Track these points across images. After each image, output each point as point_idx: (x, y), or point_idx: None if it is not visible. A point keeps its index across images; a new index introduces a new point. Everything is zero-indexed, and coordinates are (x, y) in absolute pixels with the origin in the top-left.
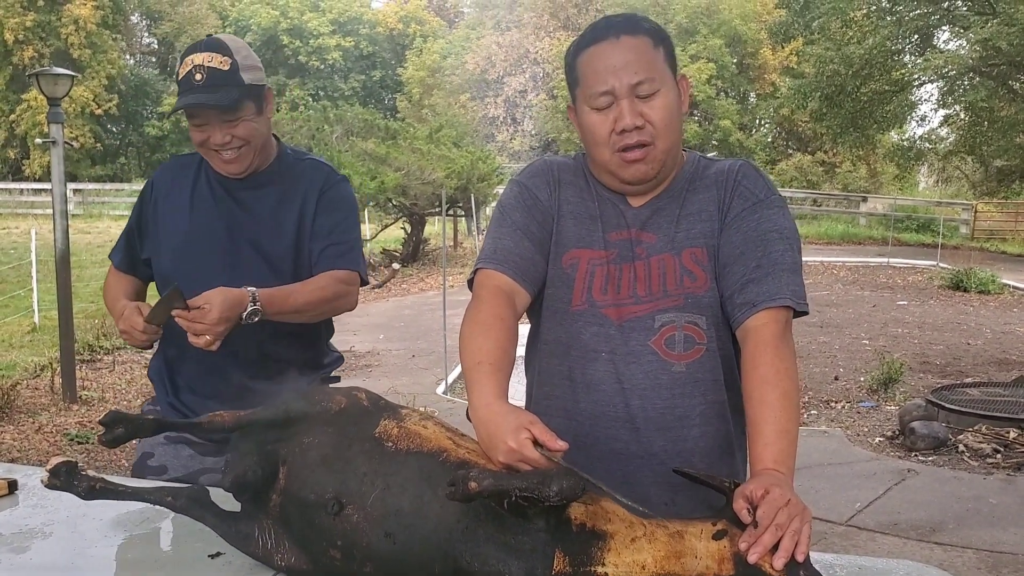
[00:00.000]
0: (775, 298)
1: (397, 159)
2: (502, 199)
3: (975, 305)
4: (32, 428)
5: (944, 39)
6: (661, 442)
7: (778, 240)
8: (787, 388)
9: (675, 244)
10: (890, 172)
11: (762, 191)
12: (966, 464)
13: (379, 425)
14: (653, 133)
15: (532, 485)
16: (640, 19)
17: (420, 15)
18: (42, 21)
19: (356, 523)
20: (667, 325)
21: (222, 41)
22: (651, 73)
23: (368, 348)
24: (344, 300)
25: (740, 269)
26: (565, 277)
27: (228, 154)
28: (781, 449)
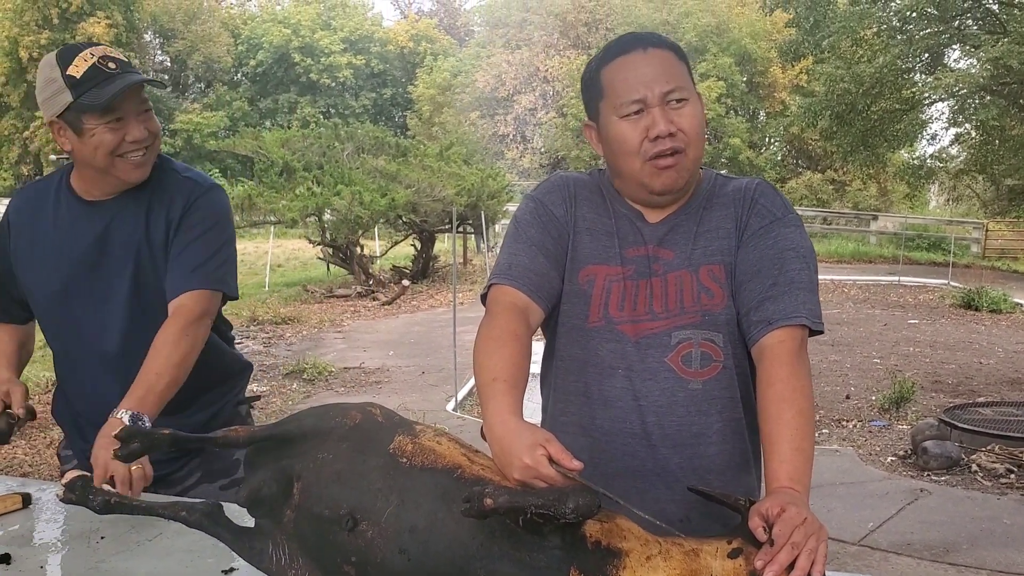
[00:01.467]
0: (791, 316)
1: (407, 176)
2: (517, 214)
3: (987, 324)
4: (44, 443)
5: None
6: (677, 459)
7: (794, 258)
8: (802, 406)
9: (692, 261)
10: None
11: (779, 209)
12: (979, 484)
13: (393, 441)
14: (685, 140)
15: (548, 502)
16: (661, 36)
17: (430, 34)
18: (56, 39)
19: (370, 539)
20: (684, 342)
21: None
22: (680, 83)
23: (378, 365)
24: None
25: (756, 287)
26: (582, 293)
27: (137, 156)
28: (796, 467)
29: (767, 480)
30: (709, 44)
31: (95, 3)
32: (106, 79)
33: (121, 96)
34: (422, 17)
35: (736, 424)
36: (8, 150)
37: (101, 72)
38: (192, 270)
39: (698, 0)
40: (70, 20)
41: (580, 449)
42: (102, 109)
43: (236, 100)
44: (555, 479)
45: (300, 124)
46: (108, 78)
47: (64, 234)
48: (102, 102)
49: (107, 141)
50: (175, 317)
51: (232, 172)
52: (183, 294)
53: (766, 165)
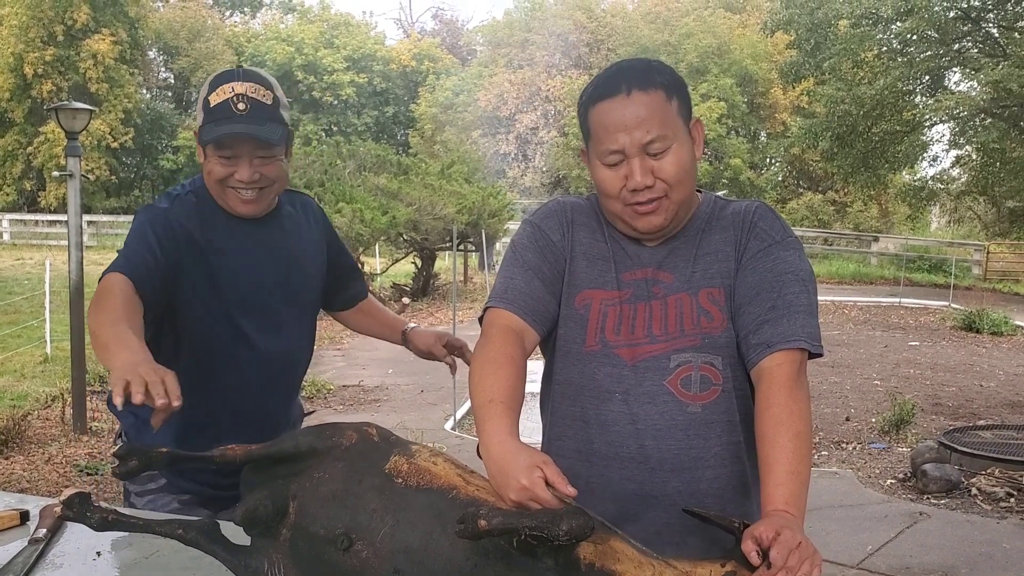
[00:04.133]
0: (790, 340)
1: (409, 194)
2: (515, 239)
3: (988, 347)
4: (42, 459)
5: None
6: (675, 483)
7: (793, 281)
8: (799, 429)
9: (692, 284)
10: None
11: (778, 232)
12: (979, 508)
13: (389, 461)
14: (665, 188)
15: (542, 524)
16: (654, 70)
17: (433, 52)
18: (61, 56)
19: (365, 559)
20: (683, 365)
21: (260, 73)
22: (663, 130)
23: (377, 383)
24: None
25: (755, 310)
26: (578, 318)
27: (248, 193)
28: (792, 491)
29: (762, 503)
30: (710, 65)
31: (100, 20)
32: (227, 119)
33: (230, 139)
34: (425, 36)
35: (735, 448)
36: (12, 165)
37: (228, 110)
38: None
39: (699, 21)
40: (75, 37)
41: (577, 474)
42: (212, 145)
43: None
44: (551, 502)
45: (302, 142)
46: (229, 118)
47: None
48: (209, 139)
49: (215, 172)
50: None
51: None
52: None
53: (767, 186)
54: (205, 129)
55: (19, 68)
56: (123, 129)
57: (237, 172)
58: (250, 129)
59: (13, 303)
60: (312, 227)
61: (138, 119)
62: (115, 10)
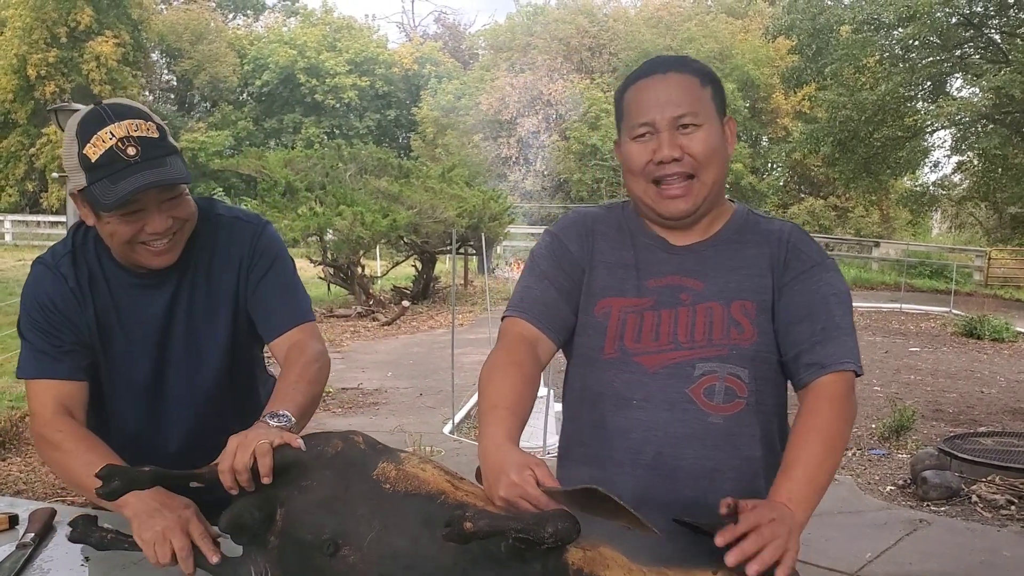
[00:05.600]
0: (842, 362)
1: (409, 197)
2: (535, 249)
3: (989, 353)
4: (38, 460)
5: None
6: (689, 493)
7: (838, 304)
8: (832, 443)
9: (725, 294)
10: (903, 217)
11: (817, 255)
12: (979, 515)
13: (377, 467)
14: (694, 165)
15: (527, 526)
16: (691, 60)
17: (435, 56)
18: (64, 57)
19: (352, 564)
20: (708, 375)
21: (129, 104)
22: (695, 108)
23: (376, 386)
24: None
25: (806, 330)
26: (597, 326)
27: (161, 244)
28: (802, 492)
29: (770, 492)
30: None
31: (103, 22)
32: (120, 170)
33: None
34: (427, 40)
35: (754, 464)
36: (14, 167)
37: (118, 159)
38: (288, 306)
39: (701, 26)
40: (78, 39)
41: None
42: (111, 208)
43: (241, 120)
44: (539, 499)
45: (304, 144)
46: (122, 169)
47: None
48: (110, 203)
49: (120, 232)
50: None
51: (236, 191)
52: (289, 331)
53: (768, 191)
54: (98, 190)
55: (22, 69)
56: None
57: (148, 225)
58: (157, 175)
59: (14, 304)
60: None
61: None
62: (118, 12)
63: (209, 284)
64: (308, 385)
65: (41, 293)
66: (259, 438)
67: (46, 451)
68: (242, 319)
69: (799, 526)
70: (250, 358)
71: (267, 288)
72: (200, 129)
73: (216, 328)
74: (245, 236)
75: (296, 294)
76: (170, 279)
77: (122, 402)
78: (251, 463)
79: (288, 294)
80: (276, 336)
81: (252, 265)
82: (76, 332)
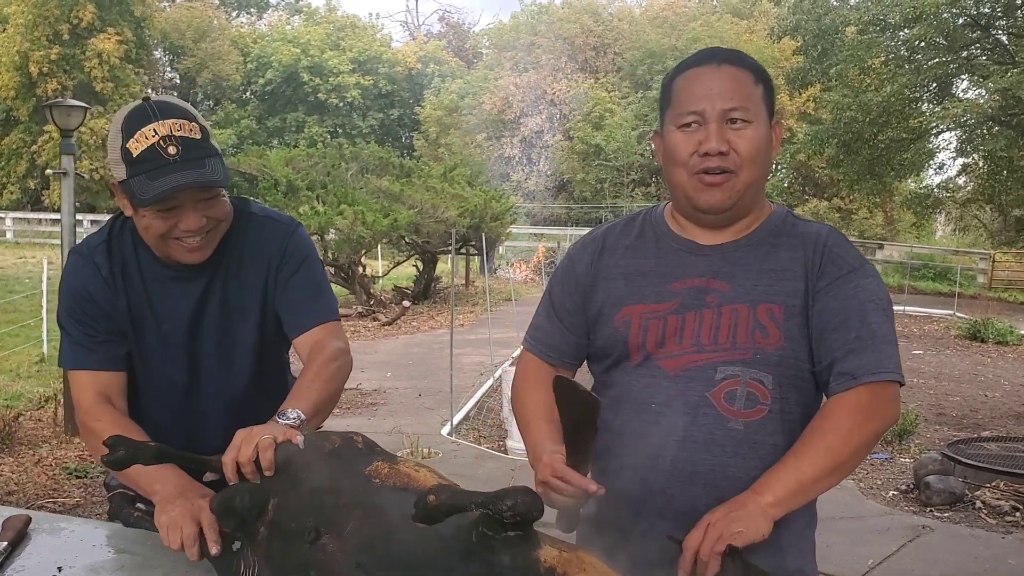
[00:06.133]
0: (876, 372)
1: (411, 197)
2: (555, 269)
3: (993, 356)
4: (32, 460)
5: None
6: (707, 500)
7: (876, 311)
8: (833, 444)
9: (752, 297)
10: (907, 220)
11: (855, 260)
12: (983, 522)
13: (372, 465)
14: (737, 162)
15: (488, 499)
16: (747, 56)
17: (439, 55)
18: (67, 54)
19: (331, 553)
20: (730, 378)
21: (176, 103)
22: (746, 104)
23: (375, 386)
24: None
25: (840, 338)
26: (619, 335)
27: (194, 241)
28: (780, 477)
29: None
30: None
31: (106, 19)
32: (160, 168)
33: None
34: (431, 39)
35: None
36: (16, 164)
37: (158, 157)
38: (314, 305)
39: (706, 27)
40: (81, 36)
41: (613, 487)
42: (147, 203)
43: (244, 118)
44: (570, 475)
45: (307, 143)
46: (162, 167)
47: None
48: (147, 198)
49: (155, 227)
50: (315, 351)
51: (239, 190)
52: (312, 329)
53: (773, 192)
54: (136, 184)
55: (24, 67)
56: None
57: (182, 222)
58: (194, 176)
59: (13, 302)
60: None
61: None
62: (121, 9)
63: (240, 281)
64: (324, 383)
65: (76, 283)
66: (264, 433)
67: (88, 439)
68: (271, 318)
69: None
70: (279, 361)
71: (295, 286)
72: None
73: (247, 325)
74: (276, 236)
75: (323, 295)
76: (203, 274)
77: (157, 401)
78: (254, 456)
79: (315, 294)
80: (300, 333)
81: (282, 264)
82: (111, 322)
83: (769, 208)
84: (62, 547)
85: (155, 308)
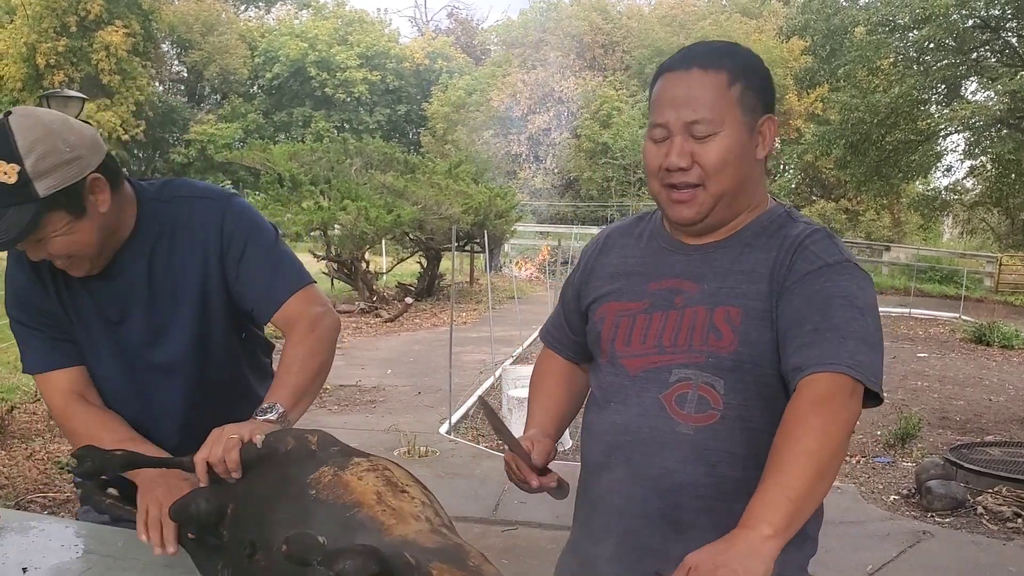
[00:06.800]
0: (825, 363)
1: (415, 193)
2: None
3: (998, 360)
4: (24, 454)
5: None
6: (657, 504)
7: (843, 306)
8: (811, 447)
9: (714, 299)
10: (914, 222)
11: (832, 256)
12: (985, 528)
13: (317, 471)
14: (702, 176)
15: (327, 557)
16: (726, 53)
17: (447, 51)
18: (74, 47)
19: (264, 568)
20: (682, 381)
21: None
22: (711, 114)
23: (374, 383)
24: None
25: (797, 333)
26: (596, 332)
27: (61, 262)
28: (769, 502)
29: None
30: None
31: (113, 12)
32: None
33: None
34: (439, 35)
35: (732, 484)
36: None
37: None
38: (273, 281)
39: (715, 26)
40: (88, 28)
41: (585, 486)
42: None
43: (251, 112)
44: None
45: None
46: None
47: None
48: None
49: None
50: (289, 329)
51: (244, 183)
52: (283, 305)
53: (780, 192)
54: None
55: (31, 58)
56: (134, 122)
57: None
58: None
59: None
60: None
61: (150, 112)
62: (128, 2)
63: (172, 271)
64: (303, 362)
65: (11, 285)
66: (233, 432)
67: (68, 439)
68: (215, 308)
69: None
70: (242, 345)
71: (246, 270)
72: (210, 121)
73: (181, 319)
74: (209, 216)
75: (280, 264)
76: (123, 271)
77: (110, 400)
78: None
79: (271, 268)
80: (270, 317)
81: (224, 249)
82: (52, 317)
83: (765, 207)
84: (29, 547)
85: (77, 307)
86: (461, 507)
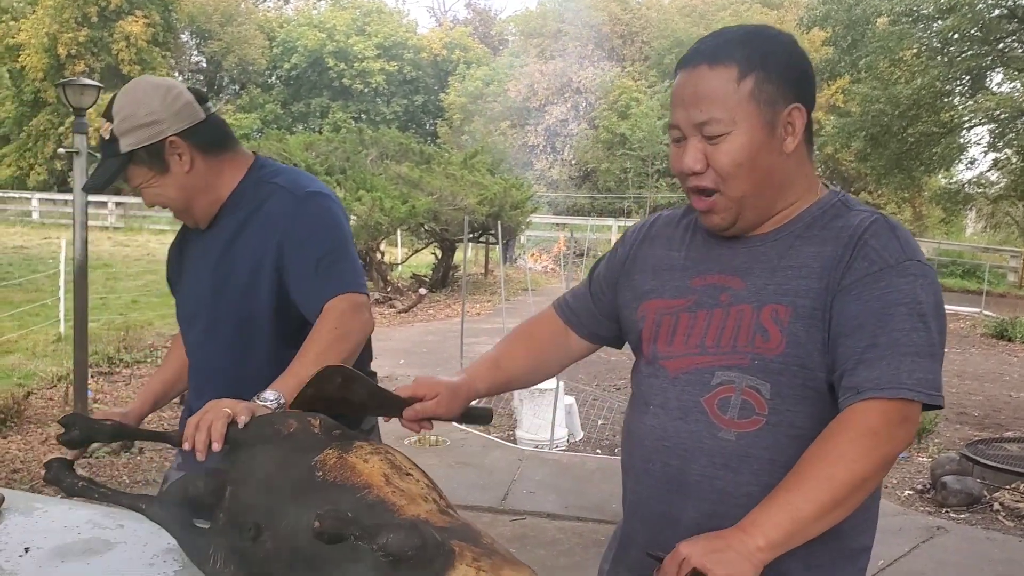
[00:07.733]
0: (885, 387)
1: (430, 184)
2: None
3: (1019, 356)
4: (39, 439)
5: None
6: (693, 513)
7: (906, 316)
8: (835, 474)
9: (761, 297)
10: (936, 215)
11: (893, 254)
12: (1001, 524)
13: (322, 454)
14: (716, 180)
15: (365, 531)
16: (736, 43)
17: (464, 42)
18: (95, 37)
19: (268, 551)
20: (725, 384)
21: (115, 97)
22: (721, 113)
23: (387, 373)
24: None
25: (853, 345)
26: (636, 328)
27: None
28: (771, 515)
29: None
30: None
31: (134, 2)
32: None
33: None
34: (456, 25)
35: None
36: (44, 145)
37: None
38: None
39: (736, 16)
40: (109, 18)
41: (626, 489)
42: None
43: (269, 103)
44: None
45: (331, 129)
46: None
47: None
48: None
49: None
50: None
51: None
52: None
53: None
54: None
55: (53, 48)
56: None
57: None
58: (90, 182)
59: (34, 280)
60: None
61: None
62: None
63: (239, 248)
64: (319, 355)
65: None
66: (225, 407)
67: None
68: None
69: (753, 550)
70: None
71: (298, 269)
72: (228, 111)
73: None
74: (282, 208)
75: (331, 270)
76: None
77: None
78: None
79: (322, 272)
80: (314, 317)
81: (284, 243)
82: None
83: (816, 195)
84: (32, 527)
85: (183, 259)
86: (470, 496)
